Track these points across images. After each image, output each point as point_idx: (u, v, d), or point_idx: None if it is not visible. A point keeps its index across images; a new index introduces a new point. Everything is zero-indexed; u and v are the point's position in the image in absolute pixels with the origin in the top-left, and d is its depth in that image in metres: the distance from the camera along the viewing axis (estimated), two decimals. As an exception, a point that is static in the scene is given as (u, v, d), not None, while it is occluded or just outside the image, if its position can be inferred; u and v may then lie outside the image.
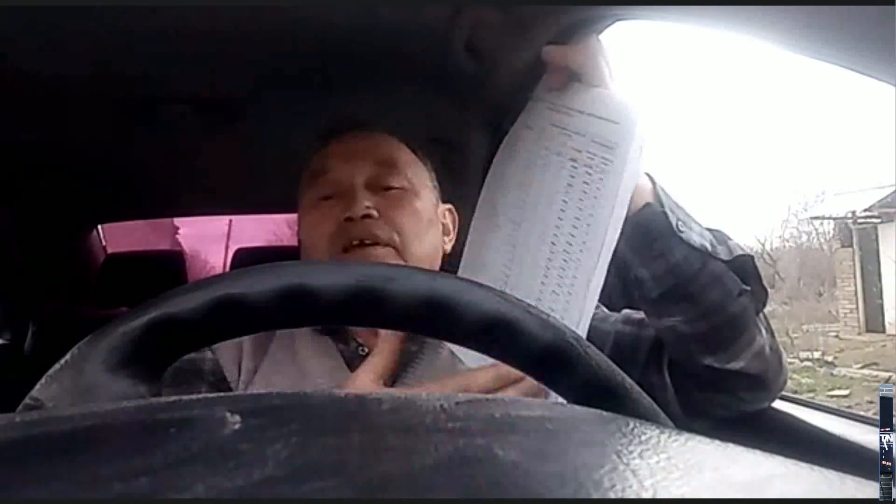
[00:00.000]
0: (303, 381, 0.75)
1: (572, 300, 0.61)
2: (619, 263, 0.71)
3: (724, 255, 0.70)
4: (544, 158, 0.70)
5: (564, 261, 0.63)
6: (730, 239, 0.73)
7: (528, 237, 0.70)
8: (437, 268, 0.83)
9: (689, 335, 0.71)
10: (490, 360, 0.56)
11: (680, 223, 0.69)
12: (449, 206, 0.90)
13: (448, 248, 0.87)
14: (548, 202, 0.67)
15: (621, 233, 0.61)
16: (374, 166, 0.80)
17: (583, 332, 0.60)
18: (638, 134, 0.59)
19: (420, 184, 0.83)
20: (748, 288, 0.71)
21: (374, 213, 0.76)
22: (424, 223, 0.80)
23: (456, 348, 0.76)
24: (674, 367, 0.76)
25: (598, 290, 0.60)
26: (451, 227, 0.90)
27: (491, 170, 0.82)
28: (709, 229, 0.73)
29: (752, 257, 0.72)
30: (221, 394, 0.60)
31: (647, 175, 0.70)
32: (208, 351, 0.76)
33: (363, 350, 0.79)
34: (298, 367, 0.77)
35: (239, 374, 0.76)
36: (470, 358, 0.72)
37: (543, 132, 0.71)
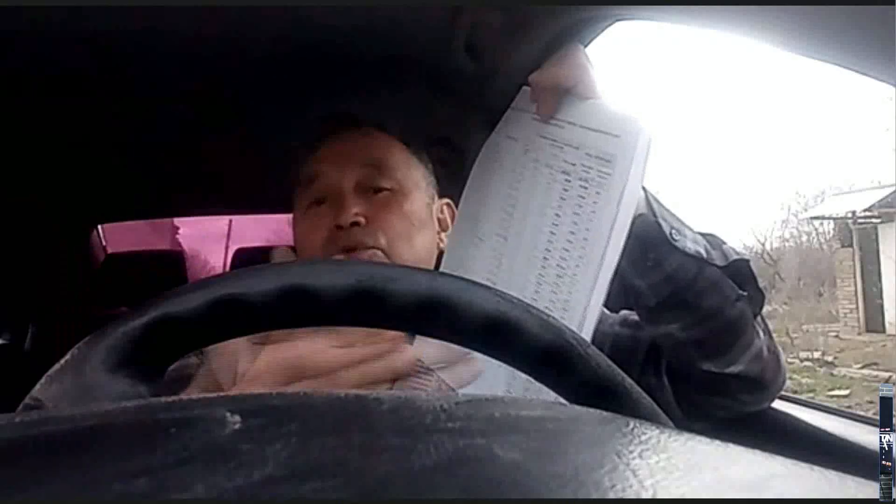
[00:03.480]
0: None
1: (568, 315, 0.59)
2: (617, 272, 0.70)
3: (719, 261, 0.70)
4: (532, 170, 0.68)
5: (558, 276, 0.62)
6: (724, 243, 0.72)
7: (516, 251, 0.68)
8: (431, 267, 0.83)
9: (688, 341, 0.71)
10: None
11: (673, 231, 0.68)
12: (447, 200, 0.90)
13: (445, 244, 0.87)
14: (538, 215, 0.66)
15: None
16: (362, 168, 0.81)
17: None
18: (641, 147, 0.58)
19: (411, 184, 0.83)
20: (745, 293, 0.70)
21: (362, 220, 0.77)
22: (415, 225, 0.80)
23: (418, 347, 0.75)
24: (672, 370, 0.76)
25: (600, 305, 0.59)
26: (448, 222, 0.89)
27: (469, 181, 0.80)
28: (702, 234, 0.72)
29: (747, 261, 0.72)
30: (221, 394, 0.60)
31: None
32: (193, 356, 0.73)
33: None
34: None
35: (233, 378, 0.76)
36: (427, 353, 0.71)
37: (530, 143, 0.70)
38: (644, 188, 0.70)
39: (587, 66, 0.67)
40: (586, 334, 0.58)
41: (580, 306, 0.59)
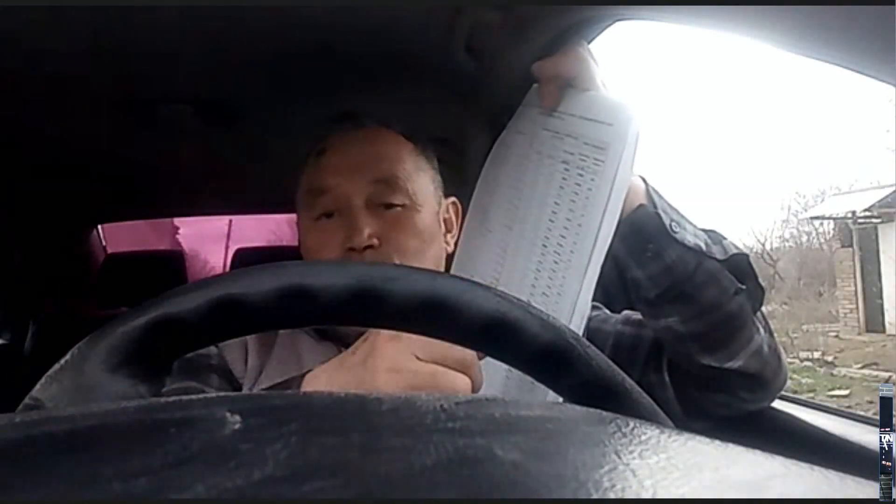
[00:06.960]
0: None
1: (562, 300, 0.61)
2: (617, 265, 0.71)
3: (718, 255, 0.71)
4: (536, 162, 0.70)
5: (555, 262, 0.63)
6: (724, 238, 0.73)
7: (520, 240, 0.70)
8: None
9: (687, 335, 0.71)
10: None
11: (673, 224, 0.69)
12: (453, 199, 0.89)
13: (451, 246, 0.86)
14: (539, 205, 0.67)
15: (616, 235, 0.61)
16: (373, 183, 0.78)
17: (577, 331, 0.59)
18: (631, 134, 0.60)
19: (422, 195, 0.81)
20: (744, 286, 0.71)
21: (375, 241, 0.76)
22: (427, 240, 0.79)
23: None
24: (673, 367, 0.76)
25: (592, 289, 0.60)
26: (454, 221, 0.88)
27: (481, 176, 0.81)
28: (703, 230, 0.73)
29: (747, 256, 0.73)
30: (221, 394, 0.60)
31: (640, 177, 0.71)
32: (213, 346, 0.75)
33: None
34: (302, 371, 0.77)
35: (245, 371, 0.76)
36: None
37: (535, 136, 0.71)
38: (645, 180, 0.70)
39: (587, 59, 0.69)
40: (580, 317, 0.59)
41: (574, 290, 0.60)
